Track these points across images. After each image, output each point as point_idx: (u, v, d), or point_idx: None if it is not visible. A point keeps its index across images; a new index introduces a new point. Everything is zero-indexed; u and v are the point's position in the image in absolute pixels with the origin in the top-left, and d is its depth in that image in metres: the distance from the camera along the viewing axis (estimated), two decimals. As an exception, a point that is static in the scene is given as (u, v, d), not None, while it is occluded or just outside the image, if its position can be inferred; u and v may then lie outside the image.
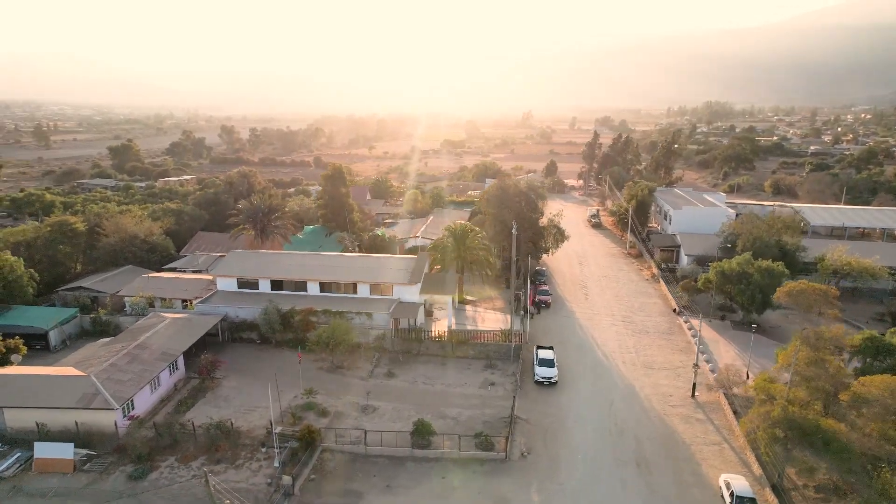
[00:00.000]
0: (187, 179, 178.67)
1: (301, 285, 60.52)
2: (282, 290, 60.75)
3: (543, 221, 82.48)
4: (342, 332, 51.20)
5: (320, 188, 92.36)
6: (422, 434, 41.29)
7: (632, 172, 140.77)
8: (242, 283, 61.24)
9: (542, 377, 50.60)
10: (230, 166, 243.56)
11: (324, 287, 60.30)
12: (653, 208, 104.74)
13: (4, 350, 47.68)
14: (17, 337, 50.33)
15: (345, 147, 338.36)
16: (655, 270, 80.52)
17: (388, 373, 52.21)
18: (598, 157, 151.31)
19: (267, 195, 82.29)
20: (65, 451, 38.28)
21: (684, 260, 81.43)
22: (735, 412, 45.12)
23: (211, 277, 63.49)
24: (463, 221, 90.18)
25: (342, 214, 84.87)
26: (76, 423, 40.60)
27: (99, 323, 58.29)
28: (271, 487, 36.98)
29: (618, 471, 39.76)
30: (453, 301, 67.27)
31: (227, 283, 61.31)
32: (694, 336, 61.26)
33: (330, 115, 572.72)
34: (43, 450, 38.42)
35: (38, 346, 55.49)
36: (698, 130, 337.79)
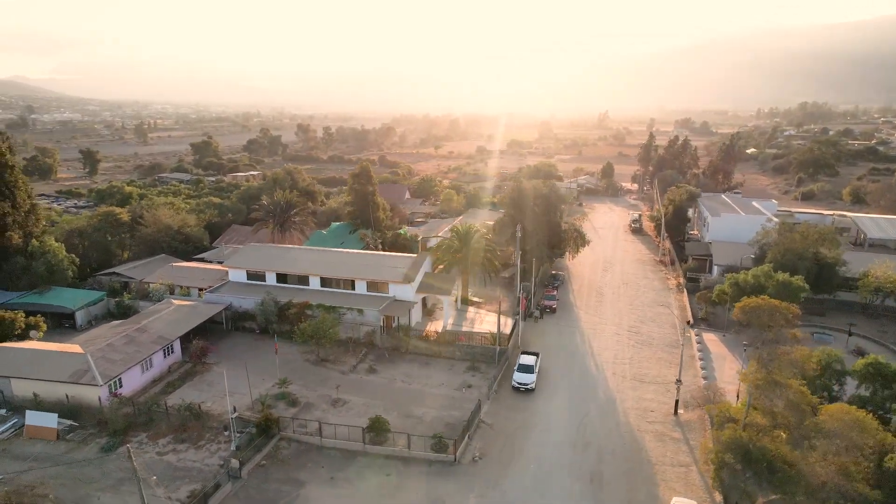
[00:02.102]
0: (253, 175, 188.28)
1: (304, 279, 62.74)
2: (286, 283, 63.24)
3: (566, 226, 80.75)
4: (327, 326, 52.74)
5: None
6: (376, 430, 41.90)
7: (688, 176, 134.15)
8: (251, 275, 64.27)
9: (519, 383, 49.78)
10: (301, 163, 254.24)
11: (324, 282, 62.19)
12: (695, 215, 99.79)
13: (25, 326, 52.83)
14: (39, 315, 55.67)
15: (414, 146, 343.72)
16: (682, 279, 76.75)
17: (370, 368, 53.21)
18: (653, 159, 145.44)
19: (287, 192, 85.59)
20: (50, 421, 42.07)
21: (715, 270, 76.99)
22: (715, 433, 42.53)
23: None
24: (489, 222, 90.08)
25: (368, 212, 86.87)
26: (66, 395, 44.49)
27: (122, 306, 63.09)
28: (223, 469, 38.92)
29: (568, 484, 38.59)
30: (456, 301, 67.57)
31: (237, 275, 64.58)
32: (700, 350, 58.21)
33: (407, 114, 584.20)
34: (32, 418, 42.41)
35: (67, 324, 61.17)
36: (785, 133, 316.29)
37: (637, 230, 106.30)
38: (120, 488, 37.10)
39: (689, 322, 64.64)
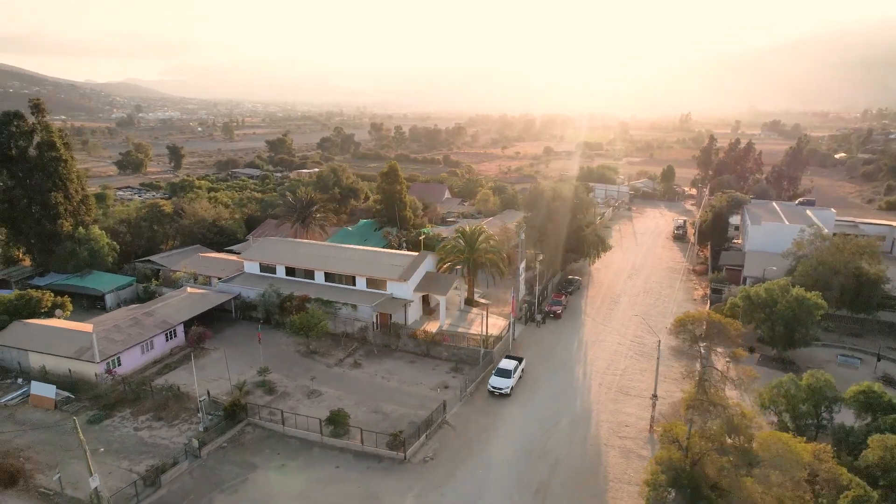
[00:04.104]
0: (316, 172, 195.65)
1: (310, 274, 64.94)
2: (294, 276, 65.72)
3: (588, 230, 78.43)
4: (316, 319, 54.41)
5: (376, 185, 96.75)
6: (335, 423, 42.92)
7: (749, 181, 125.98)
8: (264, 268, 67.29)
9: (493, 387, 49.14)
10: (369, 161, 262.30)
11: (328, 277, 64.09)
12: (741, 223, 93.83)
13: (51, 305, 58.19)
14: (66, 295, 61.15)
15: (484, 146, 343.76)
16: (708, 290, 72.60)
17: (355, 363, 54.37)
18: (713, 163, 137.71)
19: (309, 190, 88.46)
20: (49, 391, 46.30)
21: (748, 282, 72.09)
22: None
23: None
24: (510, 224, 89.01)
25: (394, 210, 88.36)
26: (69, 370, 48.77)
27: (148, 291, 67.99)
28: (186, 447, 41.31)
29: (512, 492, 37.82)
30: (460, 302, 67.55)
31: (251, 267, 67.85)
32: (704, 365, 54.85)
33: (483, 114, 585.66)
34: (36, 388, 46.85)
35: (99, 305, 66.75)
36: (891, 136, 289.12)
37: (680, 237, 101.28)
38: (92, 457, 40.22)
39: (700, 335, 60.99)
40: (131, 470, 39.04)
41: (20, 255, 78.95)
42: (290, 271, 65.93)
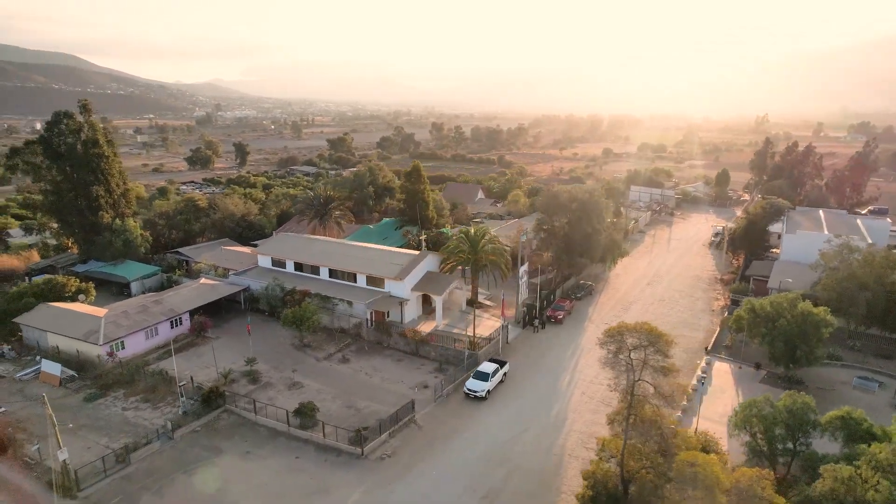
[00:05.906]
0: (353, 170, 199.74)
1: (315, 270, 66.75)
2: (302, 271, 67.75)
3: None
4: (308, 313, 55.95)
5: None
6: (302, 415, 44.08)
7: (807, 188, 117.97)
8: (275, 262, 69.76)
9: (469, 389, 48.83)
10: (425, 160, 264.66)
11: (332, 273, 65.63)
12: (782, 231, 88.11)
13: (74, 290, 62.80)
14: (90, 282, 65.81)
15: (545, 147, 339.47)
16: (728, 301, 68.89)
17: (343, 358, 55.48)
18: (768, 167, 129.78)
19: (328, 188, 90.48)
20: (56, 369, 50.17)
21: (772, 294, 67.80)
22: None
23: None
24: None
25: (416, 210, 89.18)
26: (77, 350, 52.61)
27: (171, 281, 72.06)
28: (160, 429, 43.68)
29: (458, 495, 37.52)
30: (462, 302, 67.44)
31: (264, 261, 70.49)
32: (702, 381, 52.21)
33: (549, 114, 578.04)
34: (45, 366, 50.88)
35: (125, 292, 71.40)
36: None
37: (717, 244, 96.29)
38: (77, 433, 43.38)
39: (706, 348, 58.20)
40: (108, 446, 41.65)
41: (69, 244, 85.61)
42: (299, 266, 68.02)
